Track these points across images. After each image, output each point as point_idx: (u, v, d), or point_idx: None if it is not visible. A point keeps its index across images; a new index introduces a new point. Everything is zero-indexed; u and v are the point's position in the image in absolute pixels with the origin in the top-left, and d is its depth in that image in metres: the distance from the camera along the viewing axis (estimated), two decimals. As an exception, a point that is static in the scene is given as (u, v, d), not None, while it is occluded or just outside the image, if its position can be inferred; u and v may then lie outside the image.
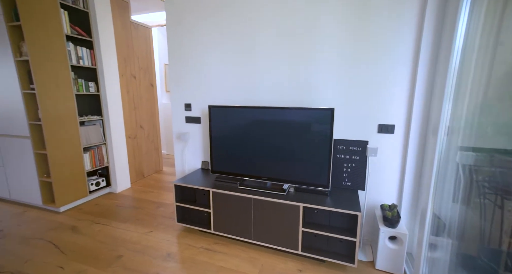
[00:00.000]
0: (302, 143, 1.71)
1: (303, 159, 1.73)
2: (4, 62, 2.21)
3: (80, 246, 1.89)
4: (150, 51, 3.37)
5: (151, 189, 3.03)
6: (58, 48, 2.31)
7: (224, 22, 2.03)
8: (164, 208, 2.52)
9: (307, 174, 1.74)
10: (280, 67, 1.91)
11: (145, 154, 3.38)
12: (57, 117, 2.34)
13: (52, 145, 2.31)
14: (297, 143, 1.73)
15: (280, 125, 1.76)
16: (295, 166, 1.76)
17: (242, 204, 1.79)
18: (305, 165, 1.73)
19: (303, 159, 1.73)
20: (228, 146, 1.96)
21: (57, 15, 2.29)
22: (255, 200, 1.75)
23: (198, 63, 2.20)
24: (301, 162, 1.74)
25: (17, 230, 2.11)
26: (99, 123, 2.78)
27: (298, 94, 1.89)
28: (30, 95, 2.27)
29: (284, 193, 1.74)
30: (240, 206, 1.80)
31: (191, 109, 2.32)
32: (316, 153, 1.68)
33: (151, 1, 3.07)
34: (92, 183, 2.73)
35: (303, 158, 1.73)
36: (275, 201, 1.68)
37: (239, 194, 1.78)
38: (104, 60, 2.65)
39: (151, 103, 3.44)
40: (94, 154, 2.73)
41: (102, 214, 2.40)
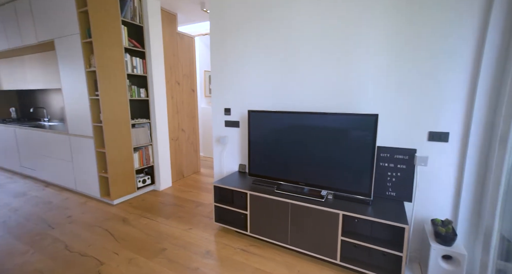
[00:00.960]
0: (342, 149, 1.67)
1: (343, 165, 1.69)
2: (78, 73, 2.57)
3: (130, 236, 2.09)
4: (193, 59, 3.61)
5: (190, 188, 3.21)
6: (118, 59, 2.61)
7: (265, 29, 2.09)
8: (203, 207, 2.65)
9: (347, 181, 1.69)
10: (321, 72, 1.90)
11: (185, 155, 3.60)
12: (114, 120, 2.64)
13: (109, 144, 2.61)
14: (337, 149, 1.69)
15: (319, 131, 1.74)
16: (334, 173, 1.73)
17: (279, 208, 1.81)
18: (345, 172, 1.69)
19: (343, 165, 1.69)
20: (266, 150, 2.00)
21: (119, 31, 2.60)
22: (292, 205, 1.75)
23: (238, 70, 2.30)
24: (341, 169, 1.70)
25: (82, 217, 2.42)
26: (147, 126, 3.05)
27: (339, 99, 1.86)
28: (95, 101, 2.60)
29: (323, 200, 1.71)
30: (277, 210, 1.82)
31: (231, 114, 2.42)
32: (357, 160, 1.63)
33: (196, 13, 3.30)
34: (140, 180, 3.00)
35: (343, 165, 1.69)
36: (313, 207, 1.66)
37: (276, 198, 1.80)
38: (153, 68, 2.92)
39: (191, 108, 3.66)
40: (142, 153, 3.00)
41: (148, 209, 2.62)
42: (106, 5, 2.46)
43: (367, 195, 1.63)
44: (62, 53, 2.68)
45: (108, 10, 2.48)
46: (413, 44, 1.57)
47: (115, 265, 1.74)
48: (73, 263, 1.76)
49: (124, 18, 2.66)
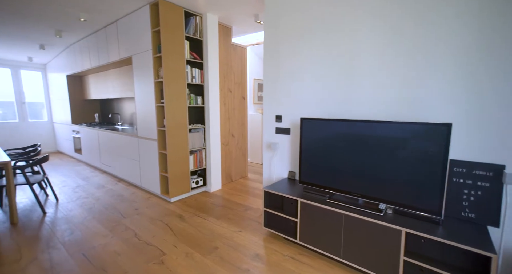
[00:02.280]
0: (407, 161, 1.54)
1: (406, 179, 1.55)
2: (148, 83, 2.96)
3: (187, 232, 2.27)
4: (244, 68, 3.79)
5: (238, 192, 3.33)
6: (180, 70, 2.92)
7: (320, 36, 2.09)
8: (251, 211, 2.72)
9: (410, 196, 1.54)
10: (379, 78, 1.80)
11: (234, 159, 3.77)
12: (175, 125, 2.93)
13: (170, 147, 2.90)
14: (399, 161, 1.57)
15: (379, 140, 1.64)
16: (396, 186, 1.59)
17: (331, 218, 1.74)
18: (409, 186, 1.54)
19: (407, 179, 1.55)
20: (319, 158, 1.97)
21: (183, 45, 2.91)
22: (346, 216, 1.67)
23: (290, 77, 2.33)
24: (404, 182, 1.56)
25: (146, 211, 2.73)
26: (202, 131, 3.30)
27: (402, 107, 1.73)
28: (160, 108, 2.94)
29: (381, 213, 1.59)
30: (329, 220, 1.76)
31: (282, 121, 2.46)
32: (424, 174, 1.48)
33: (249, 24, 3.48)
34: (193, 181, 3.24)
35: (407, 178, 1.55)
36: (370, 220, 1.56)
37: (329, 208, 1.74)
38: (209, 78, 3.16)
39: (242, 114, 3.83)
40: (197, 156, 3.25)
41: (201, 208, 2.81)
42: (174, 24, 2.79)
43: (436, 213, 1.46)
44: (137, 67, 3.12)
45: (175, 28, 2.81)
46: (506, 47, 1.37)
47: (174, 256, 1.91)
48: (142, 250, 1.99)
49: (187, 34, 2.97)
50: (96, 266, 1.80)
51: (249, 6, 2.84)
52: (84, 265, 1.81)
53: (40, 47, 4.72)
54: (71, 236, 2.21)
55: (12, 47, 4.82)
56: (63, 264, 1.82)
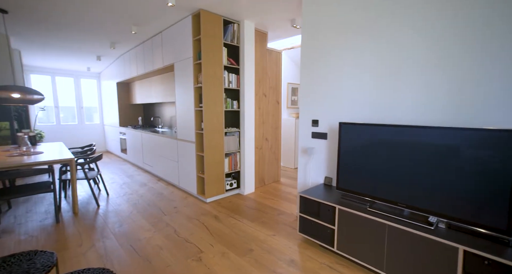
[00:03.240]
0: (464, 171, 1.40)
1: (464, 191, 1.41)
2: (188, 88, 3.15)
3: (222, 232, 2.34)
4: (279, 72, 3.82)
5: (271, 196, 3.33)
6: (218, 76, 3.05)
7: (360, 37, 2.02)
8: (285, 216, 2.70)
9: (468, 209, 1.40)
10: (433, 79, 1.68)
11: (267, 163, 3.79)
12: (212, 128, 3.06)
13: (207, 149, 3.04)
14: (456, 171, 1.43)
15: (431, 147, 1.52)
16: (450, 198, 1.46)
17: (373, 228, 1.66)
18: (467, 198, 1.40)
19: (465, 191, 1.41)
20: (358, 164, 1.89)
21: (221, 52, 3.04)
22: (390, 227, 1.57)
23: (328, 81, 2.29)
24: (460, 194, 1.42)
25: (184, 210, 2.88)
26: (237, 134, 3.39)
27: (457, 112, 1.58)
28: (199, 112, 3.10)
29: (432, 227, 1.47)
30: (370, 230, 1.67)
31: (318, 126, 2.41)
32: (487, 186, 1.33)
33: (285, 29, 3.51)
34: (228, 183, 3.33)
35: (465, 190, 1.41)
36: (420, 234, 1.44)
37: (371, 217, 1.65)
38: (245, 82, 3.25)
39: (275, 119, 3.85)
40: (231, 159, 3.34)
41: (235, 210, 2.87)
42: (214, 32, 2.94)
43: (504, 231, 1.29)
44: (178, 73, 3.34)
45: (214, 36, 2.96)
46: None
47: (211, 255, 1.98)
48: (181, 246, 2.11)
49: (225, 41, 3.10)
50: (142, 257, 1.95)
51: (286, 11, 2.87)
52: (132, 255, 1.97)
53: (97, 58, 5.32)
54: (120, 228, 2.43)
55: (76, 60, 5.52)
56: (115, 253, 2.00)
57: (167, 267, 1.83)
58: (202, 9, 2.81)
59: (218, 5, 2.72)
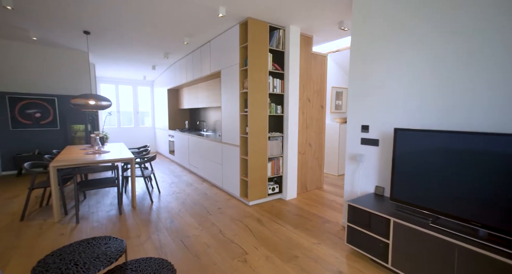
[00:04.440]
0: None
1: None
2: (234, 94, 3.28)
3: (265, 236, 2.35)
4: (324, 76, 3.73)
5: (315, 203, 3.24)
6: (263, 81, 3.12)
7: (416, 37, 1.87)
8: (330, 225, 2.60)
9: None
10: (500, 81, 1.46)
11: (310, 169, 3.70)
12: (256, 133, 3.13)
13: (251, 153, 3.10)
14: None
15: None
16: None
17: (438, 248, 1.49)
18: None
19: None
20: (417, 174, 1.73)
21: (266, 58, 3.11)
22: (461, 249, 1.39)
23: (380, 83, 2.15)
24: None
25: (227, 211, 2.98)
26: (280, 139, 3.39)
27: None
28: (244, 116, 3.20)
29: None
30: (435, 249, 1.50)
31: (369, 131, 2.28)
32: None
33: (331, 32, 3.43)
34: (270, 188, 3.35)
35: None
36: (504, 260, 1.24)
37: (435, 234, 1.49)
38: (290, 87, 3.25)
39: (319, 124, 3.76)
40: (274, 164, 3.35)
41: (277, 215, 2.86)
42: (260, 39, 3.03)
43: None
44: (225, 79, 3.51)
45: (260, 43, 3.04)
46: None
47: (256, 257, 2.00)
48: (227, 246, 2.18)
49: (270, 46, 3.16)
50: (191, 252, 2.07)
51: (334, 14, 2.81)
52: (182, 250, 2.10)
53: (152, 68, 5.91)
54: (171, 224, 2.62)
55: (135, 69, 6.21)
56: (168, 246, 2.16)
57: (214, 265, 1.91)
58: (250, 17, 2.92)
59: (265, 12, 2.79)
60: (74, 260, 1.31)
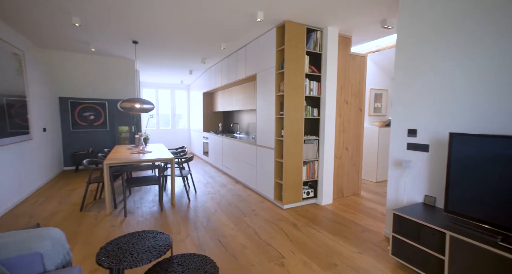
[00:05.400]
0: None
1: None
2: (269, 97, 3.30)
3: (302, 241, 2.30)
4: (363, 78, 3.57)
5: (352, 210, 3.09)
6: (299, 84, 3.09)
7: (474, 31, 1.69)
8: (370, 234, 2.46)
9: None
10: None
11: (346, 174, 3.56)
12: (292, 136, 3.10)
13: (286, 156, 3.08)
14: None
15: None
16: None
17: (509, 271, 1.31)
18: None
19: None
20: (479, 184, 1.55)
21: (303, 60, 3.08)
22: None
23: (429, 83, 1.99)
24: None
25: (262, 213, 2.99)
26: (315, 143, 3.32)
27: None
28: (279, 119, 3.20)
29: None
30: (504, 272, 1.33)
31: (416, 136, 2.12)
32: None
33: (371, 32, 3.28)
34: (304, 192, 3.28)
35: None
36: None
37: (507, 255, 1.31)
38: (327, 90, 3.17)
39: (357, 127, 3.59)
40: (309, 167, 3.29)
41: (313, 220, 2.79)
42: (297, 42, 3.01)
43: None
44: (260, 82, 3.55)
45: (297, 46, 3.02)
46: None
47: (293, 262, 1.97)
48: (263, 248, 2.18)
49: (307, 49, 3.12)
50: (229, 252, 2.12)
51: (376, 12, 2.68)
52: (220, 250, 2.16)
53: (189, 72, 6.23)
54: (208, 223, 2.71)
55: (173, 74, 6.61)
56: (206, 244, 2.24)
57: (251, 266, 1.92)
58: (287, 21, 2.93)
59: (303, 15, 2.78)
60: (129, 250, 1.42)
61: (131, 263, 1.30)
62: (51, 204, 3.19)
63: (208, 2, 2.50)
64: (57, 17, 2.94)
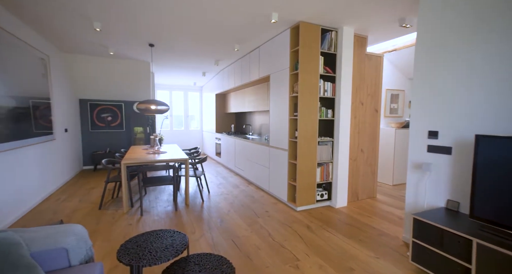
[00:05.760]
0: None
1: None
2: (283, 98, 3.29)
3: (316, 244, 2.27)
4: (379, 78, 3.49)
5: (368, 213, 3.02)
6: (314, 85, 3.05)
7: (506, 24, 1.61)
8: (387, 238, 2.39)
9: None
10: None
11: (361, 176, 3.48)
12: (305, 137, 3.07)
13: (300, 157, 3.05)
14: None
15: None
16: None
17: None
18: None
19: None
20: (510, 189, 1.47)
21: (317, 61, 3.05)
22: None
23: (453, 85, 1.91)
24: None
25: (275, 215, 2.97)
26: (330, 144, 3.27)
27: None
28: (293, 120, 3.18)
29: None
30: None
31: (438, 138, 2.04)
32: None
33: (388, 31, 3.20)
34: (318, 194, 3.24)
35: None
36: None
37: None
38: (341, 90, 3.12)
39: (373, 128, 3.51)
40: (323, 169, 3.24)
41: (327, 223, 2.74)
42: (311, 42, 2.98)
43: None
44: (274, 84, 3.54)
45: (312, 46, 2.99)
46: None
47: (308, 265, 1.94)
48: (277, 250, 2.17)
49: (322, 49, 3.09)
50: (243, 253, 2.12)
51: (394, 10, 2.61)
52: (235, 250, 2.16)
53: (202, 74, 6.32)
54: (222, 223, 2.72)
55: (187, 76, 6.73)
56: (220, 244, 2.25)
57: (266, 267, 1.92)
58: (302, 21, 2.91)
59: (318, 15, 2.75)
60: (148, 248, 1.45)
61: (150, 261, 1.33)
62: (72, 202, 3.32)
63: (223, 5, 2.52)
64: (79, 23, 3.07)
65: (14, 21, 2.86)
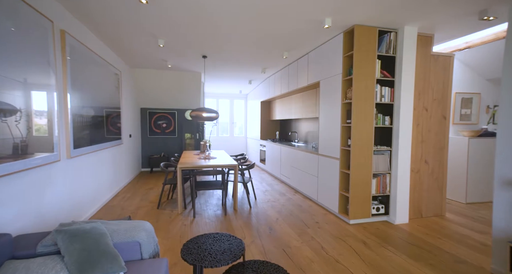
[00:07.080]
0: None
1: None
2: (334, 105, 3.16)
3: (376, 263, 2.05)
4: (447, 81, 3.10)
5: (436, 234, 2.64)
6: (369, 90, 2.86)
7: None
8: (468, 267, 2.03)
9: None
10: None
11: (425, 191, 3.08)
12: (360, 145, 2.87)
13: (354, 167, 2.86)
14: None
15: None
16: None
17: None
18: None
19: None
20: None
21: (373, 65, 2.86)
22: None
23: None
24: None
25: (326, 226, 2.81)
26: (387, 154, 2.99)
27: None
28: (345, 128, 3.01)
29: None
30: None
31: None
32: None
33: (462, 26, 2.83)
34: (374, 207, 2.97)
35: None
36: None
37: None
38: (401, 96, 2.85)
39: (440, 137, 3.11)
40: (380, 181, 2.97)
41: (386, 240, 2.48)
42: (367, 46, 2.82)
43: None
44: (324, 90, 3.43)
45: (367, 50, 2.82)
46: None
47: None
48: (332, 265, 2.03)
49: (379, 52, 2.89)
50: (295, 264, 2.04)
51: (472, 2, 2.29)
52: (286, 261, 2.09)
53: (249, 82, 6.51)
54: (271, 231, 2.68)
55: (233, 85, 7.02)
56: (272, 253, 2.21)
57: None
58: (357, 24, 2.78)
59: (375, 17, 2.59)
60: (208, 249, 1.50)
61: (211, 262, 1.37)
62: (135, 200, 3.68)
63: (276, 13, 2.57)
64: (146, 41, 3.48)
65: (97, 42, 3.38)
